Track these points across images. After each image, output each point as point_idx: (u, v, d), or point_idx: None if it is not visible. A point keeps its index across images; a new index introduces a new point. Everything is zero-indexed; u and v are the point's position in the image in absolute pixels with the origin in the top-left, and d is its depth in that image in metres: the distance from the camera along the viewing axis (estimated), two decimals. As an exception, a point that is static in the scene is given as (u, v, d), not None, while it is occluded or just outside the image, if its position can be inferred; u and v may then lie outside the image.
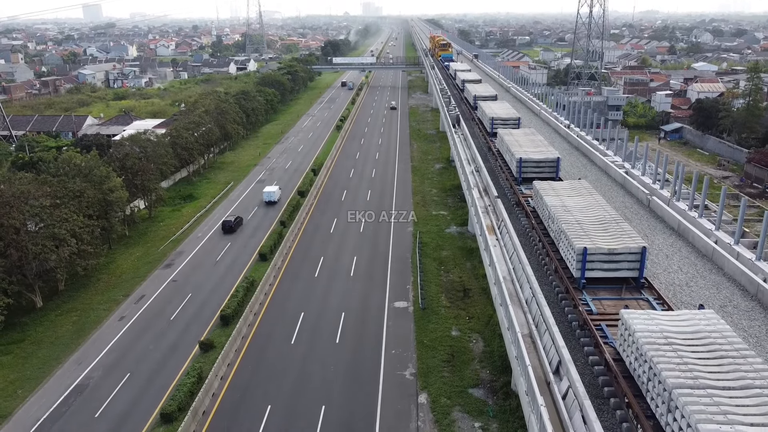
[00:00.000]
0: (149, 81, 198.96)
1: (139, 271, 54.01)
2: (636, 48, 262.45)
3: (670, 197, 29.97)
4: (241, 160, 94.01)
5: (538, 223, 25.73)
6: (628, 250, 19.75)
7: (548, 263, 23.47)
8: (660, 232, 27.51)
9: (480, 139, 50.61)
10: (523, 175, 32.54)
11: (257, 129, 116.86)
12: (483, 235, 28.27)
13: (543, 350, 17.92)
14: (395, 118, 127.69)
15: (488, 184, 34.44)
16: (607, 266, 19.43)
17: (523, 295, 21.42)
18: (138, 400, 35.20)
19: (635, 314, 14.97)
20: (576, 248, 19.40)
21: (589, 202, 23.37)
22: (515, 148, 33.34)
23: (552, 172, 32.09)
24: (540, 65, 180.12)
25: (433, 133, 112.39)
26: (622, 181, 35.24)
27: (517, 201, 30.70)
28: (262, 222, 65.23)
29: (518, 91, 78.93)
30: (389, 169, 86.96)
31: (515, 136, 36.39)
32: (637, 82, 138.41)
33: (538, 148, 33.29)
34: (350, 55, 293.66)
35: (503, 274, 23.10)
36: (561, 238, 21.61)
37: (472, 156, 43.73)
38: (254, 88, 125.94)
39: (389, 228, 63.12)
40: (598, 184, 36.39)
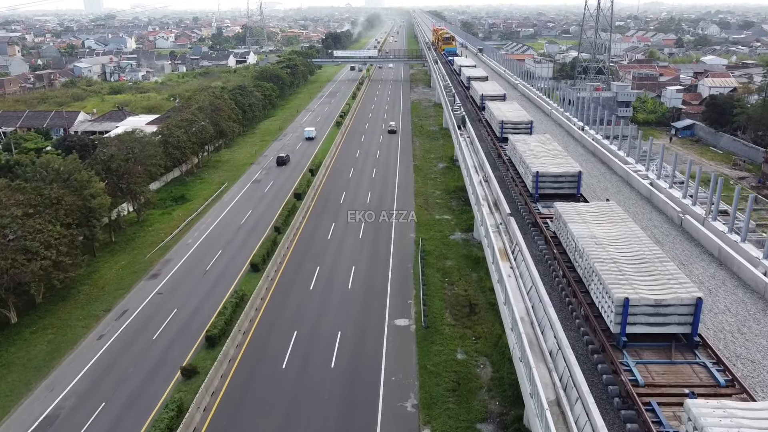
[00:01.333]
0: (146, 74, 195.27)
1: (123, 282, 50.67)
2: (642, 40, 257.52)
3: (705, 215, 26.46)
4: (237, 159, 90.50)
5: (561, 253, 22.12)
6: (679, 302, 15.99)
7: (575, 306, 19.95)
8: (697, 259, 24.04)
9: (488, 143, 46.61)
10: (540, 191, 28.87)
11: (255, 125, 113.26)
12: (495, 263, 24.64)
13: (575, 426, 14.52)
14: (397, 113, 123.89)
15: (499, 197, 30.86)
16: (653, 320, 15.80)
17: (545, 344, 18.01)
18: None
19: (705, 408, 11.46)
20: (615, 298, 15.82)
21: (623, 233, 19.70)
22: (530, 159, 29.83)
23: (573, 188, 28.40)
24: (545, 59, 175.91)
25: (436, 129, 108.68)
26: (647, 195, 31.71)
27: (533, 221, 27.19)
28: (257, 225, 61.83)
29: (526, 88, 75.10)
30: (390, 168, 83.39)
31: (529, 144, 32.67)
32: (646, 77, 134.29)
33: (555, 159, 29.59)
34: (352, 47, 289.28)
35: (521, 314, 19.71)
36: (592, 279, 18.05)
37: (479, 163, 39.97)
38: (252, 83, 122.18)
39: (390, 232, 59.69)
40: (620, 196, 32.89)
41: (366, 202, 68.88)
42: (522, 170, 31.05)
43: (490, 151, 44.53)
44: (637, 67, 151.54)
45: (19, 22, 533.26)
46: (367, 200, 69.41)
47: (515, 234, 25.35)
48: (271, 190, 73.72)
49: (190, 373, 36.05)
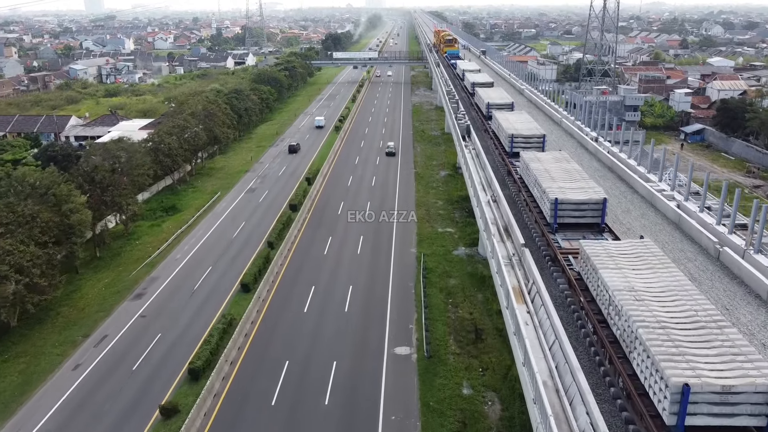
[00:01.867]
0: (143, 76, 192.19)
1: (105, 302, 47.49)
2: (646, 41, 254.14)
3: (745, 248, 23.26)
4: (231, 165, 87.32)
5: (589, 301, 18.75)
6: (753, 389, 12.46)
7: (610, 372, 16.68)
8: (743, 302, 20.83)
9: (495, 157, 43.04)
10: (560, 220, 25.04)
11: (251, 130, 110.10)
12: (510, 308, 21.34)
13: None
14: (398, 118, 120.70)
15: (510, 223, 27.54)
16: (719, 410, 12.70)
17: (575, 421, 14.77)
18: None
19: None
20: (671, 383, 12.60)
21: (667, 284, 16.26)
22: (547, 183, 26.41)
23: (597, 216, 24.89)
24: (549, 60, 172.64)
25: (438, 134, 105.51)
26: (676, 220, 28.43)
27: (552, 256, 23.99)
28: (250, 239, 58.65)
29: (533, 93, 71.71)
30: (391, 176, 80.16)
31: (544, 162, 29.28)
32: (653, 80, 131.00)
33: (576, 182, 26.12)
34: (352, 48, 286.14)
35: (543, 376, 16.54)
36: (635, 348, 14.65)
37: (487, 180, 36.61)
38: (248, 86, 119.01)
39: (390, 246, 56.49)
40: (644, 221, 29.66)
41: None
42: (537, 194, 27.63)
43: (498, 167, 40.97)
44: (643, 69, 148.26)
45: (18, 23, 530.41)
46: (366, 211, 66.19)
47: (531, 270, 22.16)
48: (266, 200, 70.53)
49: (170, 412, 32.86)
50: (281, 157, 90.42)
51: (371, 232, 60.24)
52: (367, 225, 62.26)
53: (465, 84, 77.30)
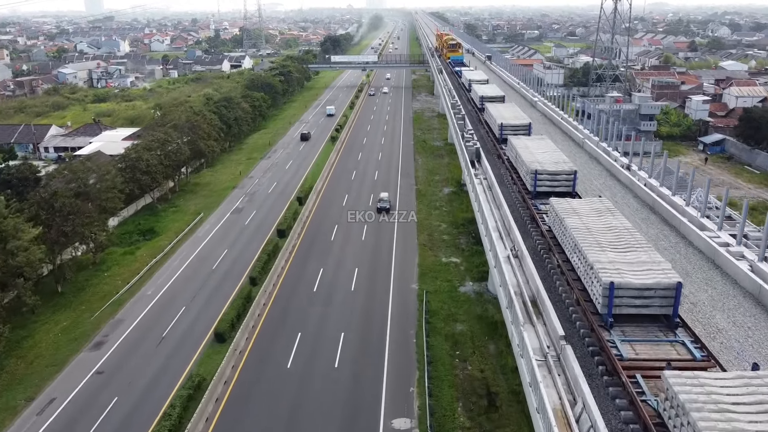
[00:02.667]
0: (135, 80, 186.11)
1: (59, 353, 41.19)
2: (654, 44, 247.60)
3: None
4: (218, 181, 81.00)
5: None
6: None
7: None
8: None
9: (513, 192, 36.14)
10: (617, 309, 18.16)
11: (242, 140, 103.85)
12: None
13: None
14: (398, 126, 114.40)
15: (539, 294, 21.18)
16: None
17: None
18: None
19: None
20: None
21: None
22: (593, 252, 19.67)
23: (667, 305, 18.04)
24: (555, 64, 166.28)
25: (440, 144, 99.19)
26: (756, 292, 21.92)
27: (609, 366, 17.20)
28: (231, 271, 52.37)
29: (546, 106, 65.10)
30: (390, 196, 73.76)
31: (582, 215, 22.57)
32: (667, 85, 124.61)
33: (632, 250, 18.37)
34: (352, 50, 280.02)
35: None
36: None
37: (504, 224, 30.13)
38: (241, 93, 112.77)
39: (388, 280, 50.19)
40: (711, 290, 23.18)
41: (361, 239, 59.31)
42: (578, 264, 20.70)
43: (517, 206, 34.03)
44: (655, 74, 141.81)
45: (16, 24, 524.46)
46: (363, 237, 59.83)
47: (578, 383, 15.85)
48: (253, 223, 64.21)
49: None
50: (272, 171, 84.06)
51: (368, 262, 53.88)
52: (364, 252, 55.94)
53: (472, 96, 70.29)
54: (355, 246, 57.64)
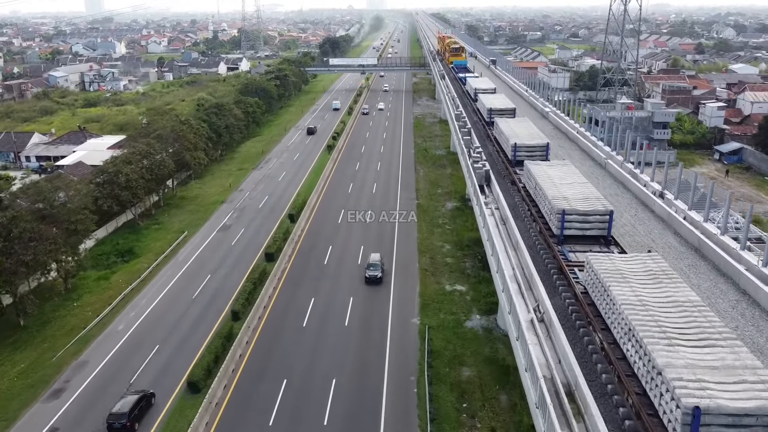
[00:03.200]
0: (129, 83, 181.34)
1: (12, 404, 36.23)
2: (660, 45, 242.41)
3: None
4: (206, 194, 76.04)
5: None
6: None
7: None
8: None
9: (533, 230, 31.17)
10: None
11: (234, 148, 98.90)
12: None
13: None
14: (398, 133, 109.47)
15: (577, 383, 16.24)
16: None
17: None
18: None
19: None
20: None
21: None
22: (654, 341, 14.87)
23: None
24: (560, 68, 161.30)
25: (443, 153, 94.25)
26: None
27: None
28: (213, 302, 47.47)
29: (558, 117, 60.01)
30: (389, 209, 68.82)
31: (631, 279, 17.27)
32: (678, 90, 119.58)
33: (702, 337, 14.72)
34: (352, 52, 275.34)
35: None
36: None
37: (525, 274, 24.97)
38: (234, 98, 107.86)
39: (387, 313, 45.26)
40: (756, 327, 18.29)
41: (357, 262, 54.32)
42: (635, 356, 15.61)
43: (538, 249, 28.54)
44: (665, 77, 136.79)
45: (13, 25, 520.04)
46: (359, 259, 54.86)
47: None
48: (240, 243, 59.24)
49: None
50: (264, 183, 79.09)
51: (364, 291, 48.92)
52: (360, 277, 50.97)
53: (478, 107, 64.82)
54: (350, 270, 52.69)
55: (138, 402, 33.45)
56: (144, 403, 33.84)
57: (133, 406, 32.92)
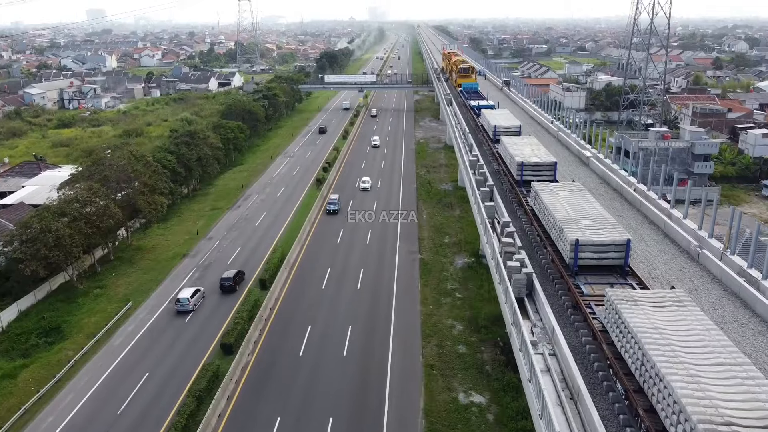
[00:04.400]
0: (112, 100, 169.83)
1: None
2: (673, 59, 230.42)
3: None
4: (167, 244, 63.57)
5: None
6: None
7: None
8: None
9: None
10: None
11: (211, 181, 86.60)
12: None
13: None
14: (398, 162, 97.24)
15: None
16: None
17: None
18: None
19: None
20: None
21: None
22: None
23: None
24: (575, 85, 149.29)
25: (449, 188, 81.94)
26: None
27: None
28: (145, 418, 34.85)
29: (602, 165, 47.06)
30: (385, 267, 56.33)
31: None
32: (711, 113, 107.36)
33: None
34: (351, 66, 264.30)
35: None
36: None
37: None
38: (213, 123, 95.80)
39: None
40: None
41: (342, 355, 41.69)
42: None
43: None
44: (693, 98, 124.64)
45: (8, 37, 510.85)
46: (344, 352, 42.21)
47: None
48: (194, 323, 46.57)
49: None
50: (238, 230, 66.69)
51: (349, 406, 36.25)
52: (344, 382, 38.36)
53: (501, 153, 48.52)
54: (333, 368, 40.04)
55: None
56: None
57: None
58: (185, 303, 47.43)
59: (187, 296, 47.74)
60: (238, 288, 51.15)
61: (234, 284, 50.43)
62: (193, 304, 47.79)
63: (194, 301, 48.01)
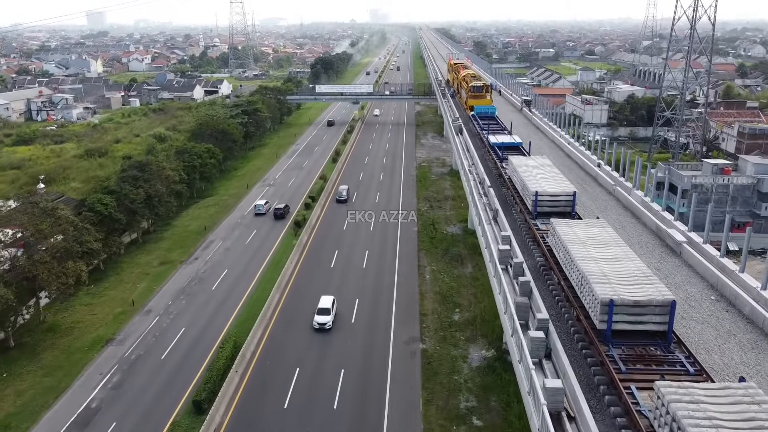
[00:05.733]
0: (85, 111, 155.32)
1: None
2: (694, 66, 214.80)
3: None
4: (91, 321, 48.59)
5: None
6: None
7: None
8: None
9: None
10: None
11: (170, 221, 71.72)
12: None
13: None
14: (395, 193, 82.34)
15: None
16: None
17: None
18: None
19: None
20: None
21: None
22: None
23: None
24: (595, 97, 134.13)
25: (458, 232, 67.03)
26: None
27: None
28: None
29: (697, 252, 30.63)
30: (374, 368, 41.27)
31: None
32: (759, 133, 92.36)
33: None
34: (349, 72, 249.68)
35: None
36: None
37: None
38: (174, 149, 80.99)
39: None
40: None
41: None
42: None
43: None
44: (733, 113, 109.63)
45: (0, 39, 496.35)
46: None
47: None
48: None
49: None
50: (187, 297, 51.64)
51: None
52: None
53: (561, 259, 27.19)
54: None
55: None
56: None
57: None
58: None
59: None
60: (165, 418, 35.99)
61: None
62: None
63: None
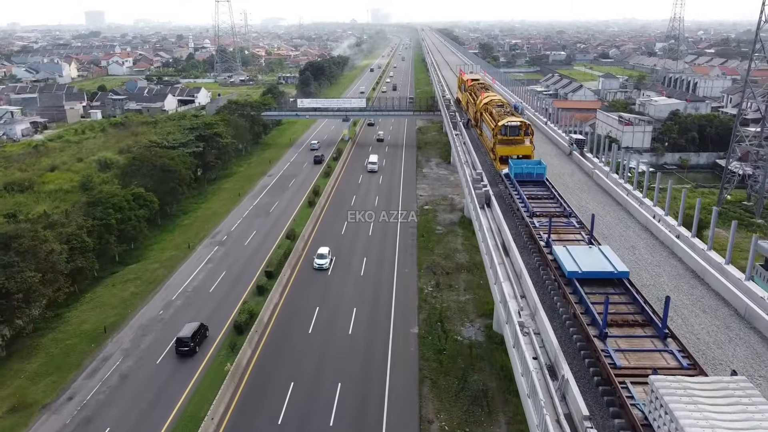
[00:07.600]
0: (35, 125, 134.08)
1: None
2: (729, 73, 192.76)
3: None
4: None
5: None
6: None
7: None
8: None
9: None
10: None
11: (75, 302, 50.06)
12: None
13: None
14: (388, 257, 60.76)
15: None
16: None
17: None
18: None
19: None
20: None
21: None
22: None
23: None
24: (637, 117, 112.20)
25: (478, 335, 45.33)
26: None
27: None
28: None
29: None
30: None
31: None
32: None
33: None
34: (345, 78, 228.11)
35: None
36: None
37: None
38: (81, 205, 59.37)
39: None
40: None
41: None
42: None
43: None
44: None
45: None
46: None
47: None
48: None
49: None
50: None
51: None
52: None
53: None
54: None
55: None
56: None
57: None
58: None
59: None
60: None
61: None
62: None
63: None
